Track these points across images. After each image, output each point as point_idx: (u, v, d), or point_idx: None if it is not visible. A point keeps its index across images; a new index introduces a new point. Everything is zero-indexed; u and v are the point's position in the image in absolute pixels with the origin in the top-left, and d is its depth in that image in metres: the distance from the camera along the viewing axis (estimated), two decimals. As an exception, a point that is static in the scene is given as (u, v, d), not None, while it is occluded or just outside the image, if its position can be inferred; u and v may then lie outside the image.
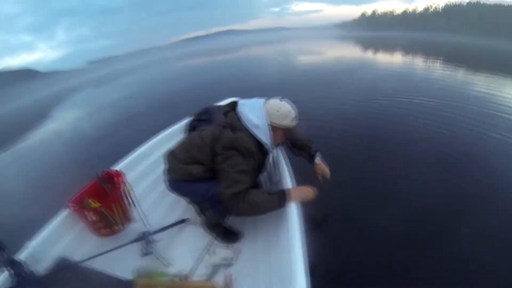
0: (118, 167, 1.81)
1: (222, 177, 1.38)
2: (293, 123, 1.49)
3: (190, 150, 1.51)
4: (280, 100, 1.48)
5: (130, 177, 1.77)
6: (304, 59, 15.08)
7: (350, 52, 20.91)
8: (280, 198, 1.39)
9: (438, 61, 13.84)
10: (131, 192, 1.65)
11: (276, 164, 1.71)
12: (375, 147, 3.54)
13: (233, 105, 1.52)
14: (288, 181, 1.61)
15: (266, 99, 1.50)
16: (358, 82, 8.03)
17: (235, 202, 1.34)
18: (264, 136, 1.42)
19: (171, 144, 1.79)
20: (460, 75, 9.47)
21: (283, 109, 1.45)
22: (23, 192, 4.13)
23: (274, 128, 1.45)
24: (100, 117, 10.16)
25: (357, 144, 3.65)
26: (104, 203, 1.51)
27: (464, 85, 7.73)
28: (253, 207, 1.35)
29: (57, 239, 1.42)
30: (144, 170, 1.99)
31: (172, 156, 1.57)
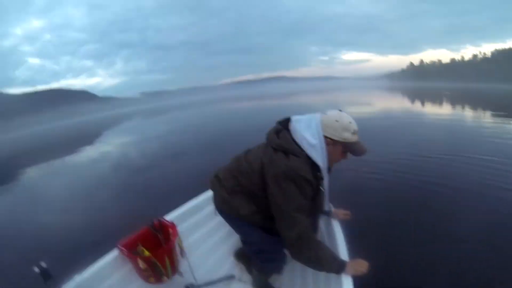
0: (171, 217, 1.84)
1: (279, 216, 1.22)
2: (355, 138, 1.25)
3: (238, 176, 1.34)
4: (340, 111, 1.28)
5: (181, 228, 1.80)
6: (353, 110, 15.13)
7: (399, 103, 20.92)
8: (340, 267, 1.22)
9: (488, 112, 13.45)
10: (181, 243, 1.66)
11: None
12: (424, 207, 3.31)
13: (286, 122, 1.33)
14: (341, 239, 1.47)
15: (322, 113, 1.28)
16: (407, 135, 7.92)
17: (300, 248, 1.20)
18: (321, 157, 1.21)
19: None
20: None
21: (343, 120, 1.23)
22: (71, 219, 4.20)
23: (331, 143, 1.24)
24: (148, 147, 10.77)
25: (405, 203, 3.48)
26: (155, 252, 1.52)
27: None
28: (316, 260, 1.21)
29: (104, 277, 1.44)
30: (196, 222, 2.01)
31: (217, 181, 1.43)
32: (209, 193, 2.02)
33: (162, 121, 25.70)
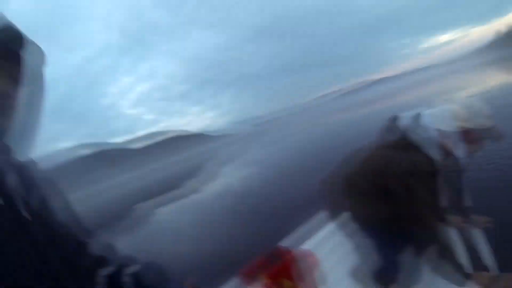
0: (307, 245, 1.68)
1: (414, 217, 1.13)
2: (490, 122, 1.11)
3: (359, 179, 1.27)
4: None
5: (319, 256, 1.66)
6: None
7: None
8: (466, 277, 1.05)
9: None
10: (319, 275, 1.54)
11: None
12: None
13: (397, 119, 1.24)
14: None
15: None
16: None
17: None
18: (454, 146, 1.11)
19: None
20: None
21: (475, 106, 1.12)
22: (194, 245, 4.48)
23: (465, 134, 1.11)
24: (271, 176, 10.27)
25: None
26: (296, 285, 1.39)
27: None
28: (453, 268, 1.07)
29: None
30: (332, 248, 1.86)
31: (341, 188, 1.35)
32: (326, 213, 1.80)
33: (264, 148, 25.29)
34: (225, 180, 14.10)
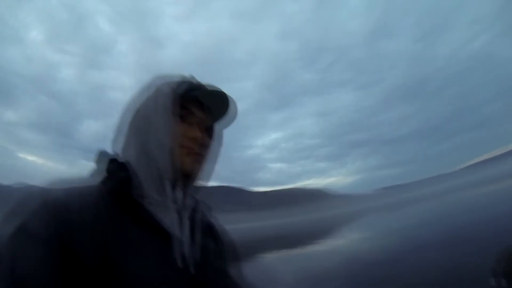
0: None
1: None
2: None
3: None
4: None
5: None
6: None
7: None
8: None
9: None
10: None
11: None
12: None
13: None
14: None
15: None
16: None
17: None
18: None
19: None
20: None
21: None
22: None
23: None
24: (386, 243, 10.24)
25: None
26: None
27: None
28: None
29: None
30: None
31: None
32: None
33: (399, 216, 24.95)
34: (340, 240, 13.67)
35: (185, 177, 0.56)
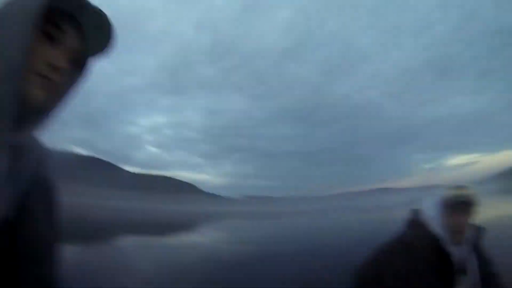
0: None
1: None
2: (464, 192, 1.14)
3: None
4: None
5: None
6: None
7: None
8: None
9: None
10: None
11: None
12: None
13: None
14: None
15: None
16: None
17: None
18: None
19: None
20: None
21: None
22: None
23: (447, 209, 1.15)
24: (242, 248, 10.39)
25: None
26: None
27: None
28: None
29: None
30: None
31: None
32: None
33: (262, 226, 25.86)
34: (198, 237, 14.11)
35: (31, 112, 0.44)
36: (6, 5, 0.42)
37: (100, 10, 0.49)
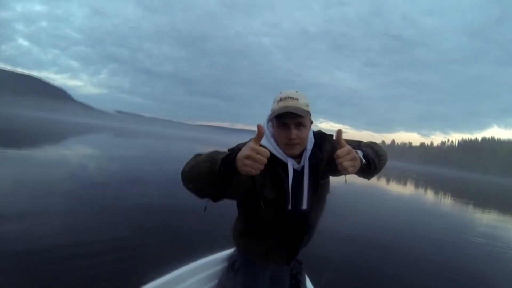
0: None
1: None
2: (280, 104, 0.95)
3: None
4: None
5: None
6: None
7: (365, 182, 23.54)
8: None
9: (448, 196, 16.50)
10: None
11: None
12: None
13: None
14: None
15: None
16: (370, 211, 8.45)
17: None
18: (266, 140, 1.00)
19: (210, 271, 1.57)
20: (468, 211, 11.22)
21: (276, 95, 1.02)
22: None
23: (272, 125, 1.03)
24: (110, 166, 9.58)
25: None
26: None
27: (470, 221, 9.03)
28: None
29: None
30: None
31: None
32: (194, 264, 1.57)
33: (129, 144, 24.67)
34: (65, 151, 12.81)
35: None
36: None
37: None
